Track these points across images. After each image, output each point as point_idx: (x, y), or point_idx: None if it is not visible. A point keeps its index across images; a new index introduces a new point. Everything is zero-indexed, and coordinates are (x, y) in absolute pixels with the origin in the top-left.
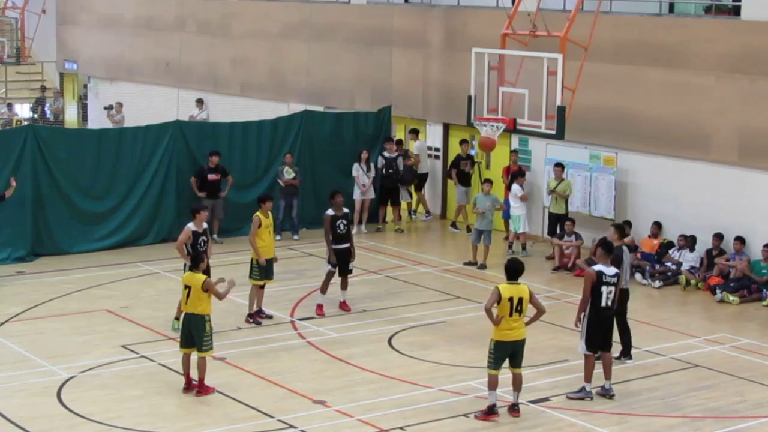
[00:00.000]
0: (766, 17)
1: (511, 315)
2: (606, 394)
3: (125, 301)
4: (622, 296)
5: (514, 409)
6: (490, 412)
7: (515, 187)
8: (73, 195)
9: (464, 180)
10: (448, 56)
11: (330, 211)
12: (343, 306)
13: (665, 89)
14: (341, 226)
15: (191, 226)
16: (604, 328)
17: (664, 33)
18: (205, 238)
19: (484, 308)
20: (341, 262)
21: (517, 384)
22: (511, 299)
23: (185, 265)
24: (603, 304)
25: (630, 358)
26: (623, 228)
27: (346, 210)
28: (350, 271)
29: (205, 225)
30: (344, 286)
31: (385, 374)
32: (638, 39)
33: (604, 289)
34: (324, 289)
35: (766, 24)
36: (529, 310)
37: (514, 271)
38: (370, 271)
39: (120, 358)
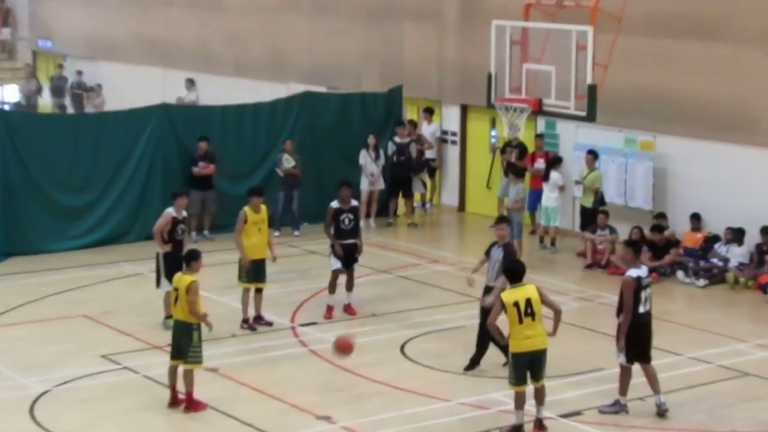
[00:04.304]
0: None
1: (521, 321)
2: (660, 409)
3: (106, 306)
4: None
5: (539, 426)
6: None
7: (555, 175)
8: (47, 187)
9: (508, 171)
10: (465, 30)
11: (335, 203)
12: (348, 309)
13: (708, 65)
14: (346, 221)
15: (171, 211)
16: (641, 335)
17: (706, 2)
18: (183, 227)
19: (487, 325)
20: (345, 258)
21: (539, 397)
22: (516, 304)
23: (158, 253)
24: (641, 309)
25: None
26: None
27: (354, 203)
28: (356, 260)
29: (185, 213)
30: (350, 286)
31: (397, 386)
32: (677, 9)
33: (642, 294)
34: (332, 288)
35: None
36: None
37: (514, 273)
38: (380, 270)
39: (101, 369)
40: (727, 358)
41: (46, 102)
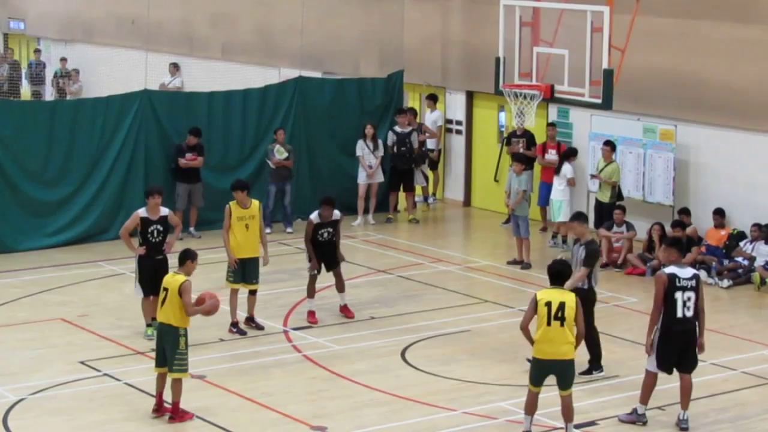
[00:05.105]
0: None
1: (549, 323)
2: (680, 426)
3: (84, 309)
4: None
5: None
6: None
7: (566, 167)
8: (20, 181)
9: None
10: (471, 10)
11: (315, 217)
12: (345, 311)
13: (734, 48)
14: (325, 234)
15: (141, 211)
16: (681, 342)
17: None
18: (160, 228)
19: (520, 327)
20: (325, 259)
21: (566, 412)
22: (548, 304)
23: (138, 257)
24: (679, 313)
25: (600, 369)
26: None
27: (336, 217)
28: (343, 259)
29: (164, 212)
30: (340, 287)
31: (398, 394)
32: None
33: (678, 295)
34: (311, 292)
35: None
36: None
37: (553, 274)
38: (379, 270)
39: (78, 376)
40: (753, 365)
41: (25, 90)
